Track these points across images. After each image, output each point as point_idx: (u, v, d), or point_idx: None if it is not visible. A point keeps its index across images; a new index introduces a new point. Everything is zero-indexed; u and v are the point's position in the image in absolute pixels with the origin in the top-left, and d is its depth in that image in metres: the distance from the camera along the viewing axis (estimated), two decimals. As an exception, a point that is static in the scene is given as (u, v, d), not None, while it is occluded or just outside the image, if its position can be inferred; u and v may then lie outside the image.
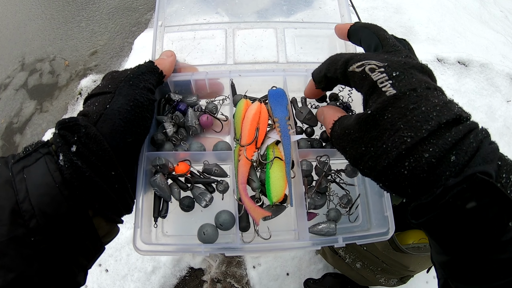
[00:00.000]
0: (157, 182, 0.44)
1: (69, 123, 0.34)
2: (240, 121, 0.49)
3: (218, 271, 1.38)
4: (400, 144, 0.29)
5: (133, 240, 0.41)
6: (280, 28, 0.57)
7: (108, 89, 0.39)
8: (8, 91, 2.16)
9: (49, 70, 2.22)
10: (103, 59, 2.20)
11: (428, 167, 0.28)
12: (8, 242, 0.29)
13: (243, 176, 0.45)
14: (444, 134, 0.29)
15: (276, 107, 0.48)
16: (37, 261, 0.30)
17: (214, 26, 0.56)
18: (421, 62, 0.36)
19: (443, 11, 2.39)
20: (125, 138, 0.37)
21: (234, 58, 0.56)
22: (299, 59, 0.57)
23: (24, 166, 0.32)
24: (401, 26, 2.21)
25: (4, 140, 1.98)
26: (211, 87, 0.54)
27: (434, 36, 2.21)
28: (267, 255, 1.39)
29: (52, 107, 2.04)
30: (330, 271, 1.36)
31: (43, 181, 0.31)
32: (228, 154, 0.49)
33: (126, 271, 1.36)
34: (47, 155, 0.33)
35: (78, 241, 0.33)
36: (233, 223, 0.45)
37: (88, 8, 2.49)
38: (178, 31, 0.54)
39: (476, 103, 1.91)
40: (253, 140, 0.47)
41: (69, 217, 0.32)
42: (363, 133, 0.32)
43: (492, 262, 0.27)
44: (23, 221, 0.30)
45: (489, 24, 2.55)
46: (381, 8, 2.28)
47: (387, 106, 0.31)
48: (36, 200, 0.30)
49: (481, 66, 2.02)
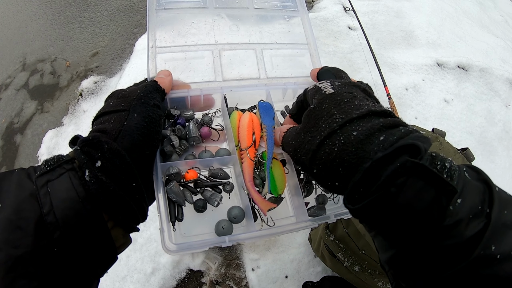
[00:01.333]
0: (173, 189, 0.49)
1: (92, 140, 0.37)
2: (236, 129, 0.56)
3: (217, 273, 1.38)
4: (331, 123, 0.33)
5: (162, 243, 0.44)
6: (258, 49, 0.67)
7: (122, 107, 0.42)
8: (9, 91, 2.16)
9: (50, 70, 2.22)
10: (104, 60, 2.21)
11: (357, 142, 0.31)
12: (33, 252, 0.30)
13: (250, 174, 0.52)
14: (374, 119, 0.32)
15: (264, 116, 0.56)
16: (58, 270, 0.32)
17: (202, 48, 0.63)
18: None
19: (444, 16, 2.40)
20: (143, 151, 0.41)
21: (223, 75, 0.64)
22: (276, 75, 0.66)
23: (48, 180, 0.34)
24: (401, 30, 2.22)
25: (5, 140, 1.98)
26: (204, 102, 0.60)
27: (434, 41, 2.22)
28: (267, 257, 1.40)
29: (53, 108, 2.04)
30: (328, 274, 1.36)
31: (68, 196, 0.33)
32: (230, 159, 0.55)
33: (126, 273, 1.36)
34: (70, 171, 0.35)
35: (97, 252, 0.35)
36: (244, 216, 0.51)
37: (89, 9, 2.50)
38: (169, 52, 0.60)
39: (475, 108, 1.92)
40: (252, 142, 0.54)
41: (90, 230, 0.34)
42: (304, 125, 0.38)
43: (438, 250, 0.27)
44: (47, 232, 0.31)
45: (489, 28, 2.57)
46: (381, 12, 2.29)
47: (325, 99, 0.37)
48: (61, 213, 0.32)
49: (481, 71, 2.03)
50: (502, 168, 1.75)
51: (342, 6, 2.27)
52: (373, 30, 2.18)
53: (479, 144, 1.79)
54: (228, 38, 0.64)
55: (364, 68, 1.95)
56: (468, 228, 0.27)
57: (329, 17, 2.19)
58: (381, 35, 2.17)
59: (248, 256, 1.41)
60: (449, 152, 1.10)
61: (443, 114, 1.86)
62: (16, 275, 0.30)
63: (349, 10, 2.19)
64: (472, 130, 1.83)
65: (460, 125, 1.84)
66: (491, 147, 1.80)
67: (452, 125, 1.83)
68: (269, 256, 1.41)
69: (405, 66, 2.02)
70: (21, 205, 0.32)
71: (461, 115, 1.87)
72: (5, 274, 0.29)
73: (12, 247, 0.30)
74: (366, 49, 1.88)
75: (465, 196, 0.28)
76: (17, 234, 0.31)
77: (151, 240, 1.41)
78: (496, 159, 1.77)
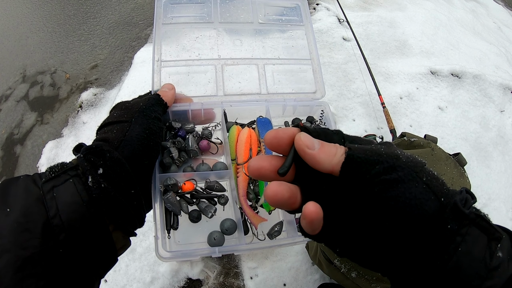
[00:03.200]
0: (170, 199, 0.51)
1: (95, 148, 0.40)
2: (234, 143, 0.58)
3: (216, 282, 1.39)
4: None
5: (156, 249, 0.46)
6: (261, 64, 0.67)
7: (125, 118, 0.44)
8: (9, 102, 2.19)
9: (50, 82, 2.25)
10: (104, 73, 2.24)
11: None
12: (40, 252, 0.32)
13: (243, 189, 0.54)
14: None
15: (263, 132, 0.58)
16: (64, 270, 0.34)
17: (205, 62, 0.64)
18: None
19: (437, 25, 2.44)
20: (143, 160, 0.43)
21: (224, 90, 0.65)
22: (277, 90, 0.67)
23: (54, 185, 0.36)
24: (395, 40, 2.26)
25: (5, 151, 2.00)
26: (205, 115, 0.62)
27: (428, 49, 2.25)
28: (265, 265, 1.41)
29: (52, 119, 2.07)
30: (326, 281, 1.37)
31: (72, 200, 0.36)
32: (226, 173, 0.56)
33: (125, 282, 1.37)
34: (75, 177, 0.38)
35: (99, 253, 0.37)
36: (236, 228, 0.53)
37: (89, 22, 2.54)
38: (174, 66, 0.61)
39: (469, 114, 1.95)
40: (248, 158, 0.56)
41: (93, 232, 0.36)
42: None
43: None
44: (53, 234, 0.34)
45: (482, 35, 2.61)
46: (375, 22, 2.33)
47: None
48: (66, 216, 0.35)
49: (474, 78, 2.06)
50: (498, 172, 1.77)
51: (336, 17, 2.32)
52: (367, 40, 2.22)
53: (474, 150, 1.81)
54: (231, 53, 0.65)
55: (358, 78, 1.98)
56: (509, 268, 0.29)
57: (324, 29, 2.23)
58: (375, 45, 2.21)
59: (246, 265, 1.42)
60: (441, 157, 1.12)
61: (438, 122, 1.89)
62: (24, 275, 0.31)
63: (343, 22, 2.23)
64: (467, 136, 1.85)
65: (455, 131, 1.86)
66: (486, 152, 1.82)
67: (447, 132, 1.85)
68: (267, 265, 1.42)
69: (399, 75, 2.05)
70: (28, 209, 0.34)
71: (455, 122, 1.89)
72: (14, 274, 0.31)
73: (20, 248, 0.32)
74: (360, 60, 1.92)
75: (503, 241, 0.30)
76: (25, 236, 0.33)
77: (150, 249, 1.42)
78: (492, 164, 1.79)
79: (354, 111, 1.88)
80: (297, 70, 0.68)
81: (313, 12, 2.43)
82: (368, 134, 1.67)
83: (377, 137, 1.64)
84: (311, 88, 0.68)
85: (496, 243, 0.30)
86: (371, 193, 0.29)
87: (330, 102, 1.87)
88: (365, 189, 0.29)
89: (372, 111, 1.86)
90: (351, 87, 1.97)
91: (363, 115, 1.86)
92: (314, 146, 0.31)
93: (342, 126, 1.79)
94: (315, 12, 2.41)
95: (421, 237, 0.29)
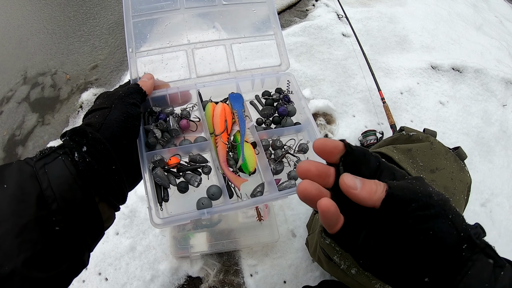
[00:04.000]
0: (158, 174, 0.56)
1: (79, 130, 0.45)
2: (210, 118, 0.65)
3: (216, 280, 1.39)
4: None
5: (150, 218, 0.50)
6: (228, 44, 0.72)
7: (106, 105, 0.50)
8: (10, 104, 2.20)
9: (51, 83, 2.26)
10: (104, 73, 2.24)
11: None
12: (35, 220, 0.37)
13: (223, 156, 0.60)
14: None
15: (235, 104, 0.65)
16: (56, 237, 0.38)
17: (176, 49, 0.69)
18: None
19: (437, 19, 2.42)
20: (121, 140, 0.49)
21: (196, 72, 0.71)
22: (245, 67, 0.73)
23: (45, 163, 0.41)
24: (395, 35, 2.25)
25: (6, 152, 2.01)
26: (181, 98, 0.68)
27: (428, 44, 2.23)
28: (265, 262, 1.40)
29: (53, 120, 2.08)
30: (327, 278, 1.37)
31: (62, 174, 0.40)
32: (206, 144, 0.62)
33: (126, 280, 1.37)
34: (63, 154, 0.43)
35: (87, 222, 0.42)
36: (221, 193, 0.58)
37: (88, 23, 2.55)
38: (147, 55, 0.66)
39: (471, 109, 1.93)
40: (224, 129, 0.63)
41: (81, 201, 0.41)
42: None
43: None
44: (46, 204, 0.38)
45: (484, 29, 2.58)
46: (375, 18, 2.32)
47: None
48: (57, 188, 0.39)
49: (476, 72, 2.04)
50: (501, 167, 1.75)
51: (335, 13, 2.30)
52: (367, 36, 2.21)
53: (476, 145, 1.80)
54: (200, 36, 0.70)
55: (358, 74, 1.97)
56: None
57: (323, 25, 2.22)
58: (375, 41, 2.19)
59: (246, 262, 1.42)
60: (441, 151, 1.11)
61: (439, 116, 1.87)
62: (22, 240, 0.35)
63: (343, 18, 2.22)
64: (469, 131, 1.84)
65: (456, 126, 1.84)
66: (489, 147, 1.80)
67: (449, 127, 1.84)
68: (267, 262, 1.41)
69: (399, 71, 2.03)
70: (23, 184, 0.39)
71: (457, 117, 1.88)
72: (12, 240, 0.35)
73: (17, 217, 0.36)
74: (360, 55, 1.91)
75: (506, 269, 0.36)
76: (21, 206, 0.37)
77: (150, 247, 1.42)
78: (494, 159, 1.77)
79: (354, 107, 1.87)
80: (262, 46, 0.74)
81: (312, 8, 2.42)
82: (368, 129, 1.66)
83: (377, 132, 1.63)
84: (276, 61, 0.74)
85: (500, 270, 0.36)
86: (406, 224, 0.35)
87: (329, 98, 1.86)
88: (401, 220, 0.35)
89: (372, 106, 1.85)
90: (351, 83, 1.96)
91: (363, 111, 1.85)
92: (356, 186, 0.35)
93: (342, 122, 1.78)
94: (314, 9, 2.40)
95: (441, 263, 0.35)
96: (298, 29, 2.22)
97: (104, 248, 1.44)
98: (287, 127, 0.68)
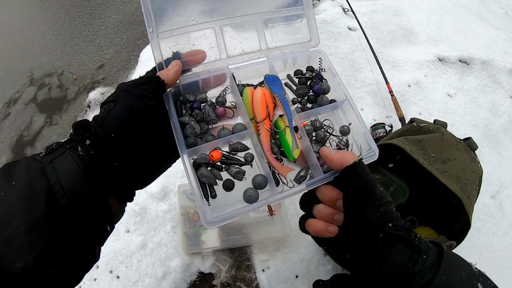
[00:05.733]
0: (204, 174, 0.54)
1: (82, 123, 0.44)
2: (250, 104, 0.60)
3: (228, 275, 1.39)
4: None
5: (202, 219, 0.49)
6: (259, 19, 0.66)
7: (113, 98, 0.48)
8: (18, 106, 2.21)
9: (58, 84, 2.27)
10: (110, 72, 2.25)
11: None
12: (45, 216, 0.36)
13: (267, 144, 0.57)
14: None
15: (274, 87, 0.61)
16: (68, 232, 0.38)
17: (203, 26, 0.61)
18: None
19: (443, 11, 2.41)
20: (122, 137, 0.46)
21: (227, 52, 0.65)
22: (276, 44, 0.68)
23: (52, 158, 0.41)
24: (401, 28, 2.24)
25: (15, 153, 2.02)
26: (214, 82, 0.63)
27: (435, 36, 2.22)
28: (276, 257, 1.40)
29: (61, 120, 2.09)
30: (339, 272, 1.36)
31: (70, 168, 0.40)
32: (247, 132, 0.59)
33: (137, 277, 1.38)
34: (71, 148, 0.42)
35: (97, 216, 0.42)
36: (266, 182, 0.56)
37: (94, 23, 2.56)
38: (171, 35, 0.59)
39: (479, 101, 1.92)
40: (267, 115, 0.59)
41: (91, 195, 0.40)
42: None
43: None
44: (55, 199, 0.38)
45: (490, 21, 2.56)
46: (380, 11, 2.31)
47: None
48: (66, 182, 0.39)
49: (483, 64, 2.03)
50: (510, 159, 1.74)
51: (341, 7, 2.29)
52: (373, 29, 2.20)
53: (485, 137, 1.78)
54: (227, 11, 0.63)
55: (365, 68, 1.96)
56: (427, 275, 0.41)
57: (329, 19, 2.21)
58: (381, 34, 2.18)
59: (258, 257, 1.42)
60: (452, 142, 1.10)
61: (447, 109, 1.86)
62: (32, 236, 0.35)
63: (348, 11, 2.21)
64: (477, 123, 1.83)
65: (464, 118, 1.83)
66: (497, 139, 1.79)
67: (457, 119, 1.82)
68: (279, 257, 1.41)
69: (406, 63, 2.02)
70: (32, 180, 0.38)
71: (465, 109, 1.87)
72: (24, 236, 0.35)
73: (28, 213, 0.36)
74: (366, 49, 1.90)
75: (428, 254, 0.42)
76: (31, 203, 0.36)
77: (161, 244, 1.43)
78: (503, 151, 1.76)
79: (362, 100, 1.87)
80: (291, 20, 0.69)
81: (317, 3, 2.41)
82: (377, 123, 1.65)
83: (386, 125, 1.63)
84: (306, 37, 0.69)
85: (418, 255, 0.42)
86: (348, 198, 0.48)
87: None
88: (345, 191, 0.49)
89: (381, 99, 1.84)
90: (358, 77, 1.95)
91: (371, 104, 1.85)
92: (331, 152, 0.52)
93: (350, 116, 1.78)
94: (319, 3, 2.39)
95: (362, 245, 0.45)
96: (303, 24, 2.21)
97: (115, 246, 1.44)
98: (323, 106, 0.66)
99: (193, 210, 1.39)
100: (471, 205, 1.05)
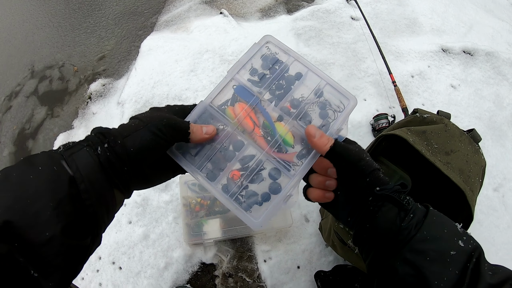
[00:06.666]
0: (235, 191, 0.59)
1: (104, 130, 0.51)
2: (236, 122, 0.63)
3: (230, 266, 1.40)
4: None
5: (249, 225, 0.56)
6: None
7: (144, 120, 0.53)
8: (19, 98, 2.21)
9: (59, 76, 2.26)
10: (111, 63, 2.24)
11: None
12: (68, 196, 0.43)
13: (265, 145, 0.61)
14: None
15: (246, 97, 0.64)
16: (84, 212, 0.45)
17: None
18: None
19: (447, 2, 2.38)
20: (137, 155, 0.51)
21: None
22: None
23: (72, 152, 0.47)
24: (404, 18, 2.21)
25: (17, 146, 2.02)
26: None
27: (439, 27, 2.20)
28: (278, 248, 1.40)
29: (63, 112, 2.08)
30: (340, 263, 1.36)
31: (87, 161, 0.47)
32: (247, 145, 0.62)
33: (139, 268, 1.38)
34: (87, 146, 0.48)
35: (106, 203, 0.48)
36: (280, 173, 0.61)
37: (94, 15, 2.54)
38: None
39: (483, 92, 1.90)
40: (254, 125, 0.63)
41: (102, 184, 0.48)
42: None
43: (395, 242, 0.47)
44: (76, 184, 0.44)
45: (494, 12, 2.53)
46: (384, 1, 2.28)
47: None
48: (84, 172, 0.46)
49: (487, 55, 2.01)
50: (513, 152, 1.73)
51: (344, -3, 2.27)
52: (376, 19, 2.17)
53: (488, 129, 1.77)
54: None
55: (368, 58, 1.94)
56: (412, 231, 0.46)
57: (332, 9, 2.19)
58: (385, 24, 2.16)
59: (260, 248, 1.42)
60: (455, 133, 1.09)
61: (451, 100, 1.84)
62: (59, 211, 0.42)
63: (351, 1, 2.18)
64: (481, 115, 1.81)
65: (468, 110, 1.82)
66: (501, 131, 1.77)
67: (460, 111, 1.81)
68: (281, 247, 1.41)
69: (410, 54, 2.00)
70: (56, 167, 0.45)
71: (468, 100, 1.85)
72: (52, 210, 0.41)
73: (54, 193, 0.43)
74: (370, 39, 1.88)
75: (415, 213, 0.48)
76: (57, 184, 0.43)
77: (163, 235, 1.43)
78: (507, 143, 1.74)
79: (365, 91, 1.85)
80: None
81: (319, -7, 2.38)
82: (380, 113, 1.64)
83: (389, 116, 1.62)
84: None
85: (405, 213, 0.48)
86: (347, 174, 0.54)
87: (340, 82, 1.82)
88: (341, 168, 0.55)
89: (384, 90, 1.82)
90: (361, 67, 1.93)
91: (374, 95, 1.83)
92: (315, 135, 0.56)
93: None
94: (321, -7, 2.37)
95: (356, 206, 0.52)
96: (306, 13, 2.19)
97: (117, 237, 1.45)
98: (293, 87, 0.67)
99: (195, 201, 1.39)
100: (474, 197, 1.04)
